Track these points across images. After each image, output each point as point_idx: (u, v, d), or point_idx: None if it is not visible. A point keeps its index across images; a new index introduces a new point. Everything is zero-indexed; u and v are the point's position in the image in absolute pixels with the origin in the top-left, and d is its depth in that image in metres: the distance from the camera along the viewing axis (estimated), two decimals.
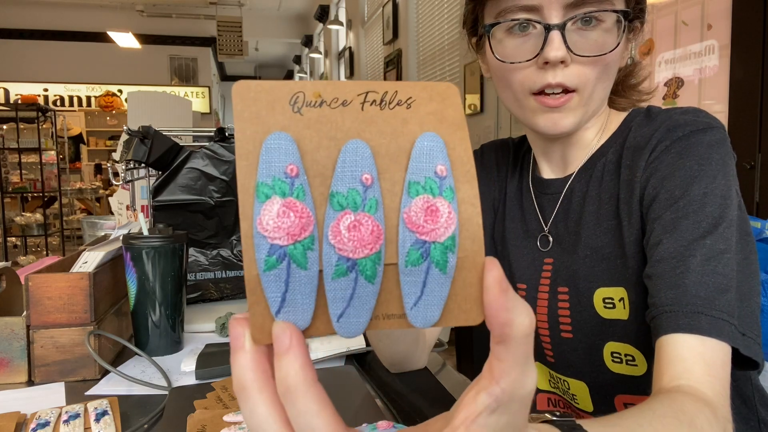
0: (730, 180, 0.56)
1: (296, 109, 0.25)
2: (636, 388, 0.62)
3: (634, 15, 0.61)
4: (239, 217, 0.24)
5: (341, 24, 7.63)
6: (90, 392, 0.73)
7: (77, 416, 0.63)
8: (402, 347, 0.74)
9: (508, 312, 0.23)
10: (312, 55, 10.00)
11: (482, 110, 3.66)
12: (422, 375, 0.76)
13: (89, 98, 9.81)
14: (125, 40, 9.05)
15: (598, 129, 0.67)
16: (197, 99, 9.90)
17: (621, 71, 0.67)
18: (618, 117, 0.67)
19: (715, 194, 0.54)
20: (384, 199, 0.25)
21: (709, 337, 0.49)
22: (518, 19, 0.59)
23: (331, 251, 0.24)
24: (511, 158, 0.78)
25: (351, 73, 7.56)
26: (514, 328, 0.23)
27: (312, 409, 0.23)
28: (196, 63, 10.34)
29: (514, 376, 0.23)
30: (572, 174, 0.68)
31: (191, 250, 1.13)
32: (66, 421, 0.61)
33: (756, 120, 1.77)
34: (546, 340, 0.68)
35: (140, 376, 0.76)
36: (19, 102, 6.52)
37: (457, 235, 0.25)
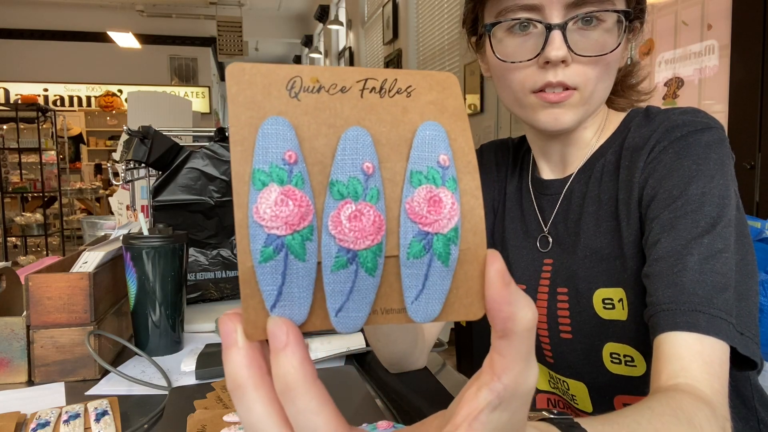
0: (728, 180, 0.56)
1: (293, 95, 0.24)
2: (635, 389, 0.62)
3: (634, 15, 0.61)
4: (233, 206, 0.23)
5: (341, 24, 7.63)
6: (90, 392, 0.73)
7: (77, 416, 0.63)
8: (401, 347, 0.74)
9: (511, 306, 0.23)
10: (312, 55, 10.00)
11: (482, 110, 3.67)
12: (422, 375, 0.76)
13: (89, 98, 9.81)
14: (125, 40, 9.05)
15: (597, 129, 0.67)
16: (197, 99, 9.90)
17: (620, 71, 0.68)
18: (617, 117, 0.68)
19: (713, 194, 0.54)
20: (385, 189, 0.24)
21: (707, 336, 0.48)
22: (519, 19, 0.59)
23: (331, 242, 0.23)
24: (511, 158, 0.78)
25: None
26: (517, 323, 0.22)
27: (312, 408, 0.22)
28: (196, 63, 10.34)
29: (517, 372, 0.23)
30: (571, 175, 0.68)
31: (191, 250, 1.13)
32: (66, 421, 0.61)
33: (756, 120, 1.78)
34: (545, 341, 0.68)
35: (140, 376, 0.76)
36: (19, 102, 6.52)
37: (460, 227, 0.24)
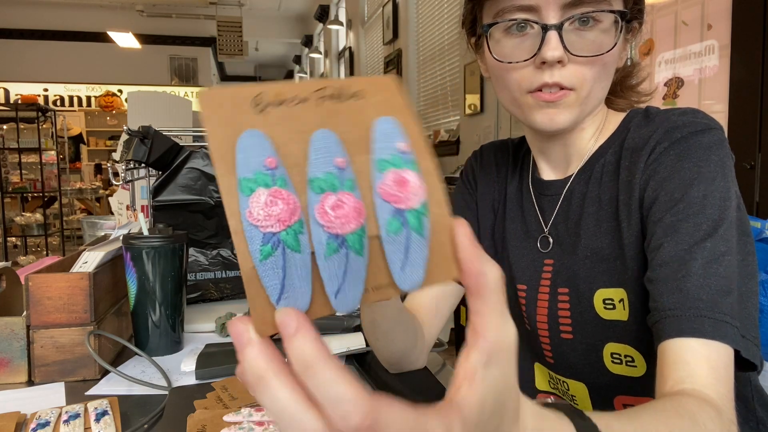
0: (729, 181, 0.56)
1: (260, 110, 0.27)
2: (635, 390, 0.62)
3: (632, 15, 0.61)
4: (226, 217, 0.25)
5: (341, 24, 7.63)
6: (90, 392, 0.73)
7: (77, 416, 0.63)
8: (400, 346, 0.74)
9: (481, 262, 0.26)
10: (312, 55, 10.00)
11: (482, 110, 3.66)
12: (422, 375, 0.76)
13: (89, 98, 9.80)
14: (125, 40, 9.05)
15: (596, 129, 0.67)
16: (197, 99, 9.90)
17: (619, 72, 0.67)
18: (616, 117, 0.67)
19: (714, 196, 0.54)
20: (357, 179, 0.27)
21: (713, 340, 0.49)
22: (516, 19, 0.59)
23: (320, 231, 0.26)
24: (511, 159, 0.78)
25: (351, 73, 7.56)
26: (488, 277, 0.25)
27: (333, 377, 0.23)
28: (196, 63, 10.33)
29: (496, 325, 0.25)
30: (572, 175, 0.68)
31: (191, 250, 1.13)
32: (66, 421, 0.61)
33: (756, 120, 1.77)
34: (545, 341, 0.68)
35: (140, 376, 0.76)
36: (19, 102, 6.53)
37: (428, 202, 0.28)
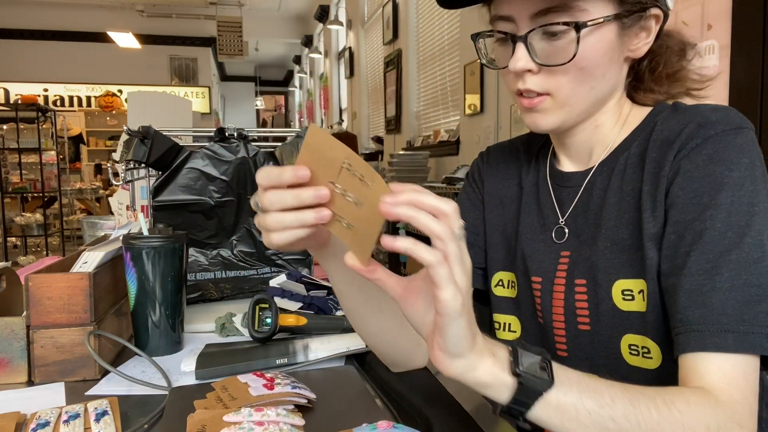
0: (758, 185, 0.56)
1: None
2: (649, 382, 0.61)
3: (642, 6, 0.61)
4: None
5: (341, 24, 7.63)
6: (90, 392, 0.73)
7: (77, 416, 0.63)
8: (404, 344, 0.74)
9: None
10: (312, 55, 10.00)
11: (482, 110, 3.66)
12: (422, 375, 0.76)
13: (89, 98, 9.81)
14: (125, 40, 9.05)
15: (614, 123, 0.67)
16: (197, 99, 9.91)
17: (644, 63, 0.67)
18: (640, 111, 0.67)
19: (742, 202, 0.55)
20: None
21: (735, 354, 0.51)
22: (492, 32, 0.64)
23: None
24: (523, 156, 0.78)
25: (351, 73, 7.56)
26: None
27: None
28: (196, 63, 10.34)
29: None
30: (592, 167, 0.68)
31: (191, 250, 1.13)
32: (66, 421, 0.61)
33: (756, 120, 1.78)
34: (560, 333, 0.68)
35: (140, 376, 0.76)
36: (19, 102, 6.52)
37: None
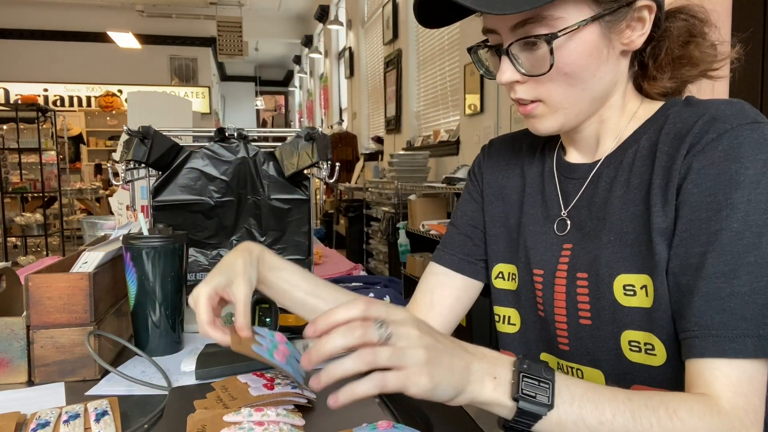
0: None
1: None
2: (654, 379, 0.61)
3: (609, 9, 0.59)
4: None
5: (341, 24, 7.63)
6: (90, 392, 0.73)
7: (77, 416, 0.63)
8: None
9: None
10: (312, 55, 9.99)
11: (482, 110, 3.66)
12: None
13: (89, 98, 9.80)
14: (125, 40, 9.05)
15: (621, 116, 0.67)
16: (197, 99, 9.90)
17: (647, 51, 0.66)
18: (651, 105, 0.67)
19: (760, 200, 0.54)
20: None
21: (748, 359, 0.52)
22: (483, 44, 0.66)
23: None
24: (526, 148, 0.78)
25: (351, 73, 7.56)
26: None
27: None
28: (196, 63, 10.33)
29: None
30: (600, 159, 0.68)
31: (191, 250, 1.13)
32: (66, 421, 0.61)
33: None
34: (562, 327, 0.67)
35: (140, 376, 0.76)
36: (19, 102, 6.53)
37: None
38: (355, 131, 7.21)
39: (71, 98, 9.78)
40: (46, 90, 9.58)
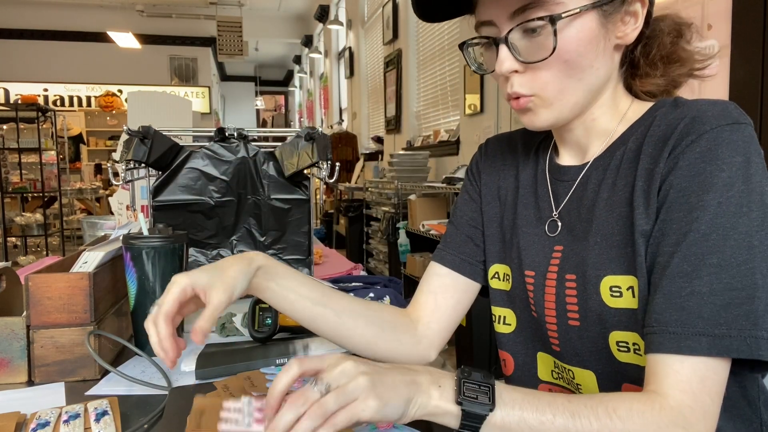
0: (753, 184, 0.55)
1: None
2: (644, 378, 0.61)
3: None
4: None
5: (341, 24, 7.63)
6: (90, 392, 0.73)
7: (77, 416, 0.63)
8: (403, 349, 0.75)
9: None
10: (312, 55, 10.00)
11: (482, 110, 3.67)
12: None
13: (89, 98, 9.81)
14: (125, 40, 9.05)
15: (612, 116, 0.67)
16: (197, 99, 9.91)
17: (638, 48, 0.67)
18: (641, 106, 0.67)
19: (730, 203, 0.54)
20: None
21: (701, 357, 0.52)
22: (476, 39, 0.65)
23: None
24: (521, 148, 0.79)
25: (351, 73, 7.56)
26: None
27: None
28: (196, 63, 10.33)
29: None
30: (589, 161, 0.68)
31: (191, 250, 1.13)
32: (66, 421, 0.61)
33: (756, 120, 1.78)
34: (552, 328, 0.68)
35: (140, 376, 0.76)
36: (19, 102, 6.52)
37: None
38: (355, 131, 7.21)
39: (71, 98, 9.78)
40: (46, 90, 9.58)
